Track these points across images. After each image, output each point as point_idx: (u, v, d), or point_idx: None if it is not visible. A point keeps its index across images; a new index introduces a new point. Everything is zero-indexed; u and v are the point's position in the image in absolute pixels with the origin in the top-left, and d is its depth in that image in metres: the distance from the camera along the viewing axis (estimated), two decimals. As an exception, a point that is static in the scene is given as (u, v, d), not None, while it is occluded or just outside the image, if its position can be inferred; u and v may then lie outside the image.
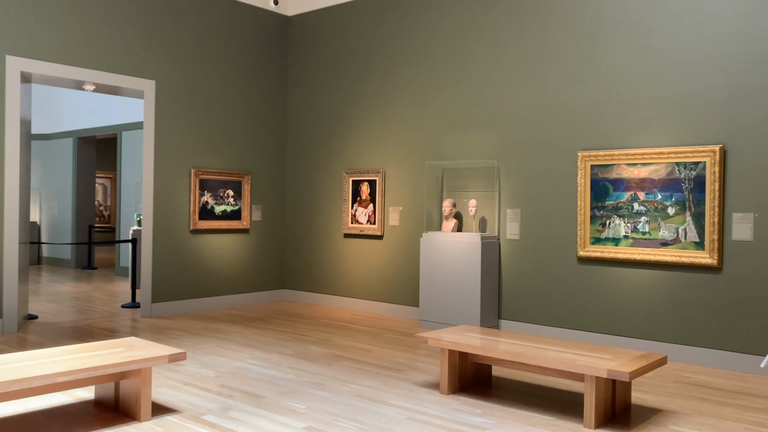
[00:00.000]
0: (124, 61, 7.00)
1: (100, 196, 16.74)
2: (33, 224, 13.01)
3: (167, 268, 7.42)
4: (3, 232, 6.14)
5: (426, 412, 4.03)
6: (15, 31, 6.18)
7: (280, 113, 8.64)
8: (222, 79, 7.93)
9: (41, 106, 12.72)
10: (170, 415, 3.88)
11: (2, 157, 6.12)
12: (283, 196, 8.72)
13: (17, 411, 3.91)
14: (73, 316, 7.24)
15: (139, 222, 10.48)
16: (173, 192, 7.48)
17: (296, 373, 4.88)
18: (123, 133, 11.44)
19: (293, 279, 8.64)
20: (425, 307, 6.80)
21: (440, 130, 7.19)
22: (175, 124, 7.48)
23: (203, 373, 4.84)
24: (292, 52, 8.68)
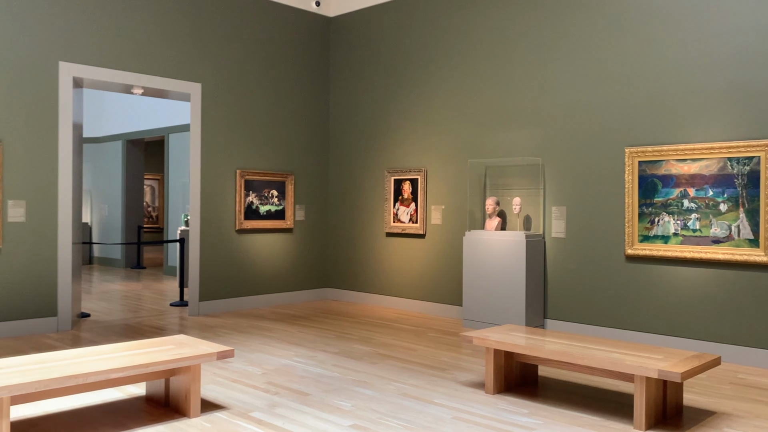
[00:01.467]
0: (171, 65, 7.16)
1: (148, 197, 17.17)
2: (85, 225, 13.41)
3: (214, 267, 7.56)
4: (57, 232, 6.34)
5: (471, 411, 4.01)
6: (67, 38, 6.38)
7: (323, 114, 8.70)
8: (266, 81, 8.03)
9: (91, 111, 13.10)
10: (219, 411, 3.95)
11: (56, 160, 6.33)
12: (326, 196, 8.78)
13: (73, 406, 4.03)
14: (123, 314, 7.44)
15: (186, 222, 10.71)
16: (219, 192, 7.61)
17: (341, 371, 4.91)
18: (170, 135, 11.69)
19: (336, 278, 8.70)
20: (469, 307, 6.76)
21: (483, 128, 7.13)
22: (220, 125, 7.61)
23: (250, 371, 4.91)
24: (333, 52, 8.74)
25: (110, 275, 11.54)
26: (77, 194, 6.71)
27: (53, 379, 3.31)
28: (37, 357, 3.72)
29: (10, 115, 6.03)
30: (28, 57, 6.13)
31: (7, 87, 6.01)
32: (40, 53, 6.21)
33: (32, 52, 6.16)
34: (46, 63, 6.25)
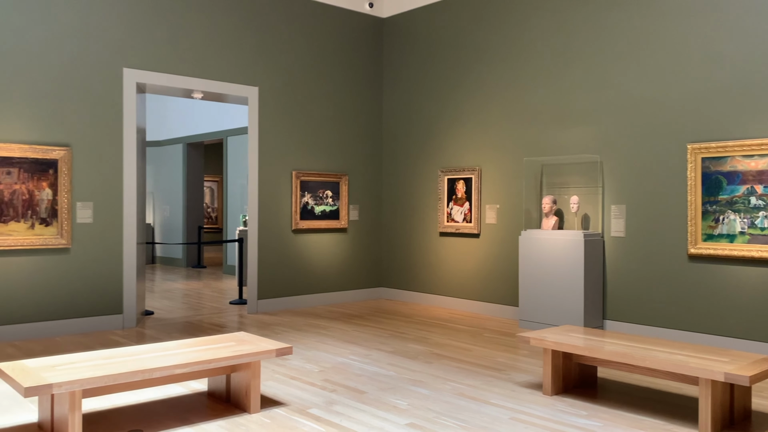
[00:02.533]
0: (229, 70, 7.33)
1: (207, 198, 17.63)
2: (148, 226, 13.88)
3: (271, 266, 7.71)
4: (123, 233, 6.59)
5: (529, 412, 3.97)
6: (130, 45, 6.62)
7: (376, 114, 8.75)
8: (320, 83, 8.13)
9: (154, 115, 13.54)
10: (278, 407, 4.03)
11: (121, 163, 6.58)
12: (379, 196, 8.83)
13: (138, 400, 4.19)
14: (185, 312, 7.67)
15: (244, 222, 10.95)
16: (276, 193, 7.76)
17: (396, 370, 4.93)
18: (228, 138, 11.98)
19: (390, 277, 8.73)
20: (525, 307, 6.68)
21: (539, 125, 7.04)
22: (276, 128, 7.75)
23: (307, 368, 4.99)
24: (387, 53, 8.78)
25: (172, 274, 11.90)
26: (141, 196, 6.96)
27: (121, 374, 3.44)
28: (105, 353, 3.88)
29: (78, 121, 6.30)
30: (94, 65, 6.39)
31: (75, 94, 6.28)
32: (106, 61, 6.46)
33: (98, 60, 6.42)
34: (111, 70, 6.50)
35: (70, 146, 6.22)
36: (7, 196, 5.86)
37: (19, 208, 5.93)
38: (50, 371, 3.42)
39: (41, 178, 6.05)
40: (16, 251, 5.94)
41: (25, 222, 5.96)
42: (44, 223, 6.07)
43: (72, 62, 6.25)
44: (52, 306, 6.16)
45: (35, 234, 6.01)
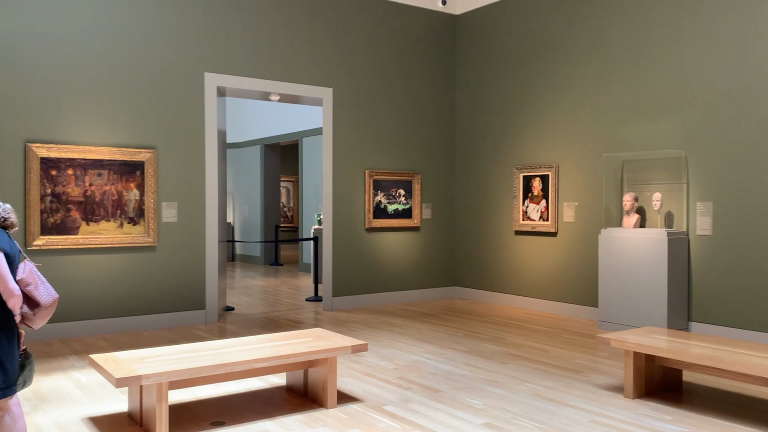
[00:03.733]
0: (304, 72, 7.48)
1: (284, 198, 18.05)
2: (228, 225, 14.33)
3: (345, 265, 7.81)
4: (205, 232, 6.84)
5: (610, 415, 3.85)
6: (211, 50, 6.85)
7: (449, 112, 8.71)
8: (393, 82, 8.17)
9: (232, 118, 13.98)
10: (354, 403, 4.08)
11: (203, 164, 6.82)
12: (453, 194, 8.78)
13: (219, 393, 4.33)
14: (263, 308, 7.87)
15: (319, 221, 11.14)
16: (350, 192, 7.85)
17: (471, 370, 4.89)
18: (304, 139, 12.21)
19: (464, 276, 8.67)
20: (605, 308, 6.48)
21: (618, 120, 6.81)
22: (350, 128, 7.84)
23: (382, 365, 5.02)
24: (460, 50, 8.71)
25: (251, 271, 12.25)
26: (222, 196, 7.20)
27: (205, 367, 3.57)
28: (189, 347, 4.04)
29: (162, 125, 6.58)
30: (177, 70, 6.66)
31: (159, 98, 6.56)
32: (188, 66, 6.72)
33: (181, 65, 6.68)
34: (193, 74, 6.75)
35: (155, 148, 6.51)
36: (98, 197, 6.19)
37: (109, 208, 6.25)
38: (139, 363, 3.59)
39: (129, 180, 6.35)
40: (106, 249, 6.27)
41: (114, 221, 6.28)
42: (132, 222, 6.37)
43: (157, 68, 6.54)
44: (139, 301, 6.46)
45: (124, 233, 6.32)
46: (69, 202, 6.04)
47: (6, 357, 2.69)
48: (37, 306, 2.77)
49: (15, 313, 2.71)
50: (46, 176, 5.92)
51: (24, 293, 2.73)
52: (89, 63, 6.17)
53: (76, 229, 6.07)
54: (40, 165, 5.88)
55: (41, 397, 4.23)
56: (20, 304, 2.69)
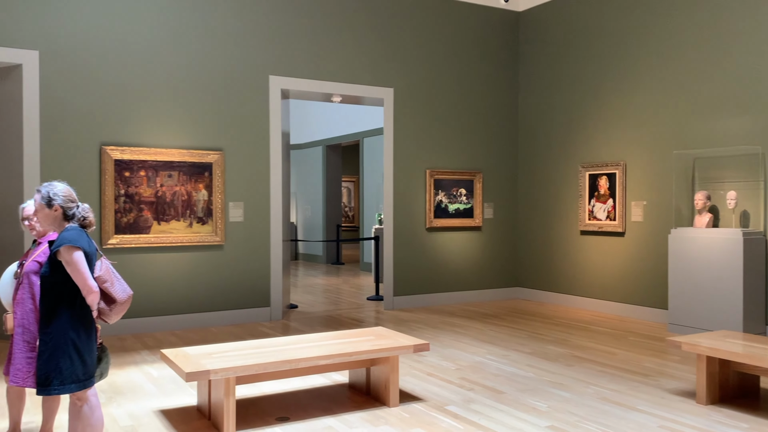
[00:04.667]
0: (365, 73, 7.53)
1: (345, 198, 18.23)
2: (291, 224, 14.58)
3: (406, 264, 7.82)
4: (270, 231, 6.98)
5: (681, 421, 3.71)
6: (276, 53, 6.99)
7: (512, 110, 8.59)
8: (454, 81, 8.13)
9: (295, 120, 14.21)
10: (416, 402, 4.08)
11: (268, 165, 6.97)
12: (515, 193, 8.66)
13: (284, 389, 4.41)
14: (325, 306, 7.98)
15: (380, 221, 11.20)
16: (410, 192, 7.85)
17: (535, 372, 4.82)
18: (365, 139, 12.30)
19: (527, 277, 8.54)
20: (675, 310, 6.26)
21: (689, 116, 6.56)
22: (411, 127, 7.85)
23: (444, 365, 5.01)
24: (523, 47, 8.59)
25: (313, 270, 12.43)
26: (286, 196, 7.33)
27: (270, 363, 3.65)
28: (255, 343, 4.13)
29: (230, 127, 6.76)
30: (243, 73, 6.82)
31: (226, 101, 6.74)
32: (253, 69, 6.88)
33: (246, 69, 6.85)
34: (258, 78, 6.91)
35: (222, 150, 6.69)
36: (169, 197, 6.42)
37: (179, 207, 6.47)
38: (208, 359, 3.70)
39: (198, 180, 6.56)
40: (176, 247, 6.49)
41: (184, 221, 6.49)
42: (201, 222, 6.57)
43: (223, 72, 6.72)
44: (207, 298, 6.66)
45: (193, 232, 6.53)
46: (141, 202, 6.28)
47: (85, 350, 2.83)
48: (113, 302, 2.89)
49: (93, 309, 2.84)
50: (120, 177, 6.18)
51: (101, 290, 2.86)
52: (159, 69, 6.40)
53: (148, 228, 6.31)
54: (114, 167, 6.14)
55: (116, 389, 4.42)
56: (98, 300, 2.82)
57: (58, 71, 5.95)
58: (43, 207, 2.84)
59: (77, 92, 6.04)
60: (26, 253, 3.33)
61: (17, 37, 5.77)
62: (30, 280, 3.17)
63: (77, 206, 2.90)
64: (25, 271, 3.20)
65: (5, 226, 5.94)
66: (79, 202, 2.92)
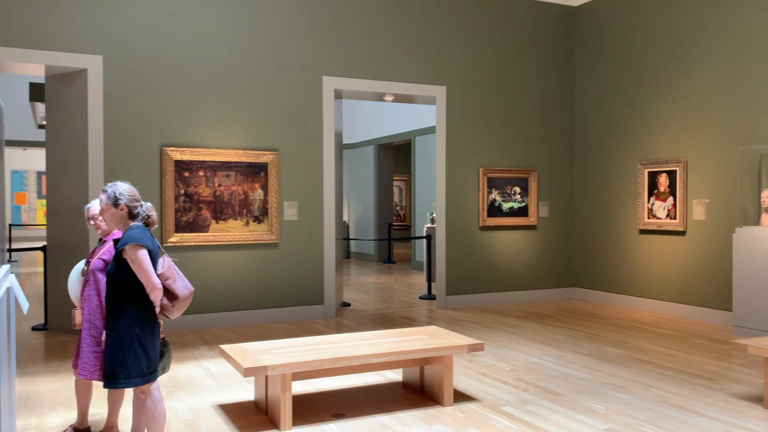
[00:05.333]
0: (417, 71, 7.52)
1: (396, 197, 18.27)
2: (343, 223, 14.69)
3: (459, 263, 7.77)
4: (323, 230, 7.06)
5: (748, 427, 3.58)
6: (329, 54, 7.06)
7: (567, 106, 8.44)
8: (507, 78, 8.03)
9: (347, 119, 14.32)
10: (470, 402, 4.06)
11: (321, 165, 7.04)
12: (571, 192, 8.49)
13: (338, 386, 4.46)
14: (377, 305, 8.01)
15: (432, 220, 11.18)
16: (463, 190, 7.81)
17: (592, 373, 4.72)
18: (416, 138, 12.30)
19: (583, 277, 8.37)
20: (740, 312, 6.02)
21: (756, 111, 6.31)
22: (464, 125, 7.80)
23: (499, 366, 4.96)
24: (579, 43, 8.42)
25: (365, 269, 12.50)
26: (339, 195, 7.40)
27: (326, 359, 3.69)
28: (310, 340, 4.19)
29: (284, 128, 6.86)
30: (297, 74, 6.92)
31: (281, 102, 6.85)
32: (307, 70, 6.96)
33: (301, 70, 6.93)
34: (312, 78, 6.99)
35: (277, 150, 6.80)
36: (227, 197, 6.56)
37: (236, 207, 6.61)
38: (265, 354, 3.77)
39: (254, 180, 6.68)
40: (234, 246, 6.63)
41: (240, 219, 6.63)
42: (257, 221, 6.70)
43: (278, 73, 6.83)
44: (262, 296, 6.78)
45: (249, 230, 6.66)
46: (200, 201, 6.44)
47: (149, 345, 2.92)
48: (175, 298, 2.98)
49: (156, 305, 2.93)
50: (180, 177, 6.35)
51: (164, 286, 2.95)
52: (217, 72, 6.55)
53: (207, 227, 6.47)
54: (174, 167, 6.32)
55: (176, 383, 4.54)
56: (161, 296, 2.91)
57: (121, 75, 6.17)
58: (109, 206, 2.94)
59: (139, 95, 6.24)
60: (92, 251, 3.46)
61: (82, 42, 6.00)
62: (96, 278, 3.30)
63: (141, 205, 2.99)
64: (91, 268, 3.32)
65: (71, 226, 6.18)
66: (142, 201, 3.02)
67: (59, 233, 6.31)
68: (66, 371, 4.86)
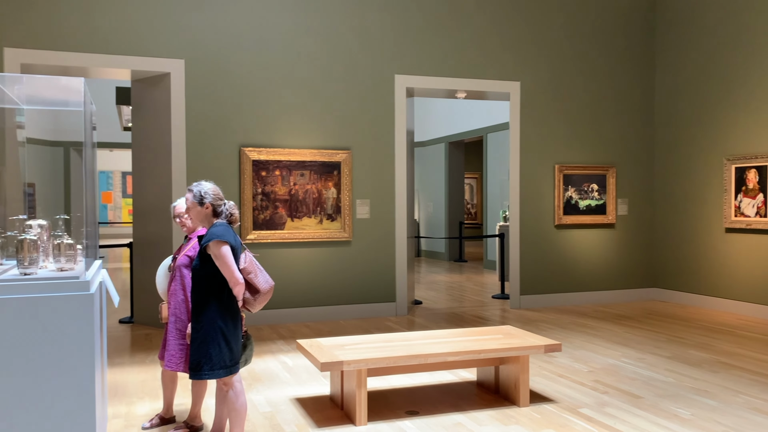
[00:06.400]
0: (490, 67, 7.44)
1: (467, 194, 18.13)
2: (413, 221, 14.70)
3: (533, 262, 7.64)
4: (395, 228, 7.09)
5: None
6: (400, 52, 7.08)
7: (647, 100, 8.14)
8: (584, 72, 7.82)
9: (418, 117, 14.32)
10: (546, 403, 3.99)
11: (393, 163, 7.07)
12: (652, 188, 8.19)
13: (411, 383, 4.46)
14: (449, 303, 7.97)
15: (504, 218, 11.03)
16: (538, 188, 7.66)
17: (676, 377, 4.54)
18: (488, 135, 12.16)
19: (664, 277, 8.05)
20: (838, 316, 5.65)
21: None
22: (538, 121, 7.65)
23: (576, 367, 4.84)
24: (660, 35, 8.10)
25: (436, 267, 12.47)
26: (410, 194, 7.41)
27: (400, 356, 3.71)
28: (384, 337, 4.21)
29: (357, 127, 6.93)
30: (369, 73, 6.97)
31: (354, 101, 6.92)
32: (380, 69, 7.01)
33: (373, 69, 6.98)
34: (384, 77, 7.03)
35: (350, 149, 6.88)
36: (301, 195, 6.69)
37: (310, 205, 6.73)
38: (340, 350, 3.83)
39: (327, 179, 6.79)
40: (308, 243, 6.75)
41: (315, 217, 6.75)
42: (330, 219, 6.80)
43: (351, 73, 6.90)
44: (335, 292, 6.88)
45: (323, 228, 6.77)
46: (276, 200, 6.60)
47: (232, 338, 3.02)
48: (257, 292, 3.07)
49: (239, 299, 3.02)
50: (257, 177, 6.53)
51: (246, 281, 3.04)
52: (291, 72, 6.68)
53: (282, 224, 6.62)
54: (252, 167, 6.50)
55: (255, 377, 4.67)
56: (243, 291, 3.00)
57: (201, 78, 6.39)
58: (195, 205, 3.06)
59: (218, 97, 6.45)
60: (179, 248, 3.60)
61: (165, 47, 6.25)
62: (181, 273, 3.44)
63: (224, 203, 3.10)
64: (177, 264, 3.46)
65: (156, 223, 6.46)
66: (225, 200, 3.12)
67: (144, 231, 6.61)
68: (151, 363, 5.09)
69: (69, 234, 3.03)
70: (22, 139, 5.15)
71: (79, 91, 3.04)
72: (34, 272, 2.80)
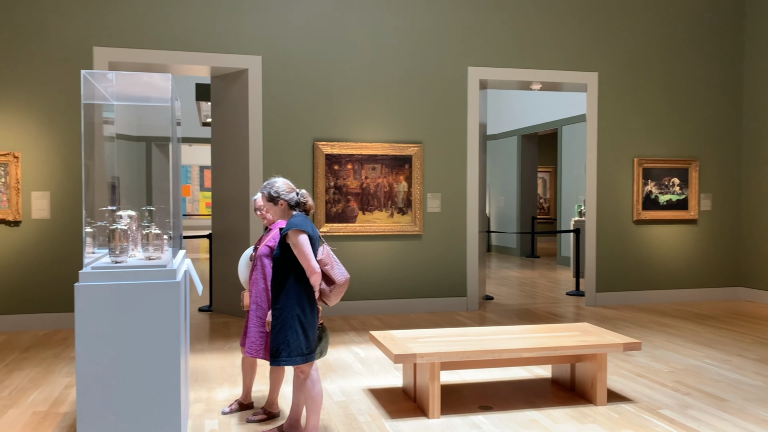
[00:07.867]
0: (566, 58, 7.25)
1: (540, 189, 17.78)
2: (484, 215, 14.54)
3: (611, 259, 7.42)
4: (466, 222, 7.04)
5: None
6: (473, 44, 7.00)
7: (735, 90, 7.74)
8: (664, 60, 7.51)
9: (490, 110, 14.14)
10: (624, 403, 3.88)
11: (465, 157, 7.02)
12: (739, 183, 7.79)
13: (483, 378, 4.43)
14: (521, 299, 7.86)
15: (580, 213, 10.76)
16: (616, 182, 7.43)
17: (765, 381, 4.32)
18: (563, 127, 11.88)
19: (751, 275, 7.66)
20: None
21: None
22: (617, 113, 7.41)
23: (655, 367, 4.68)
24: (750, 17, 7.68)
25: (507, 262, 12.31)
26: (482, 188, 7.34)
27: (473, 351, 3.69)
28: (456, 331, 4.20)
29: (428, 120, 6.91)
30: (442, 66, 6.93)
31: (425, 94, 6.90)
32: (452, 61, 6.95)
33: (446, 62, 6.94)
34: (457, 70, 6.97)
35: (421, 143, 6.87)
36: (372, 189, 6.74)
37: (381, 198, 6.77)
38: (413, 343, 3.84)
39: (398, 173, 6.81)
40: (379, 236, 6.80)
41: (385, 211, 6.78)
42: (401, 212, 6.82)
43: (423, 66, 6.89)
44: (406, 286, 6.90)
45: (393, 221, 6.80)
46: (348, 193, 6.68)
47: (309, 326, 3.08)
48: (332, 283, 3.12)
49: (315, 289, 3.08)
50: (330, 170, 6.62)
51: (322, 272, 3.10)
52: (363, 67, 6.73)
53: (354, 218, 6.69)
54: (324, 161, 6.60)
55: (328, 366, 4.76)
56: (320, 281, 3.06)
57: (277, 74, 6.53)
58: (270, 205, 3.17)
59: (293, 92, 6.57)
60: (260, 238, 3.71)
61: (244, 44, 6.42)
62: (262, 263, 3.53)
63: (297, 193, 3.17)
64: (258, 254, 3.56)
65: (234, 215, 6.66)
66: (297, 190, 3.19)
67: (223, 222, 6.82)
68: (230, 350, 5.26)
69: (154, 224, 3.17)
70: (112, 135, 5.41)
71: (167, 88, 3.17)
72: (124, 260, 2.95)
